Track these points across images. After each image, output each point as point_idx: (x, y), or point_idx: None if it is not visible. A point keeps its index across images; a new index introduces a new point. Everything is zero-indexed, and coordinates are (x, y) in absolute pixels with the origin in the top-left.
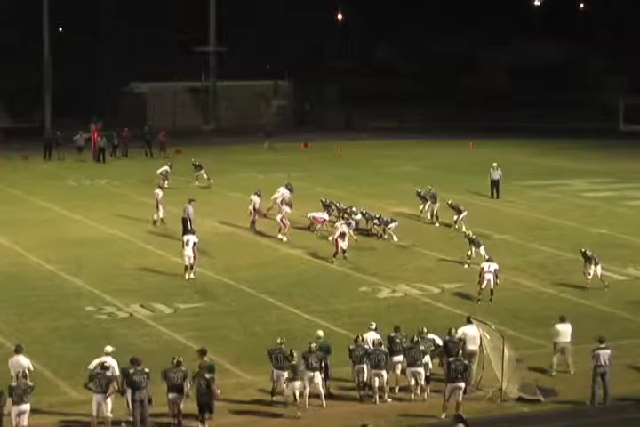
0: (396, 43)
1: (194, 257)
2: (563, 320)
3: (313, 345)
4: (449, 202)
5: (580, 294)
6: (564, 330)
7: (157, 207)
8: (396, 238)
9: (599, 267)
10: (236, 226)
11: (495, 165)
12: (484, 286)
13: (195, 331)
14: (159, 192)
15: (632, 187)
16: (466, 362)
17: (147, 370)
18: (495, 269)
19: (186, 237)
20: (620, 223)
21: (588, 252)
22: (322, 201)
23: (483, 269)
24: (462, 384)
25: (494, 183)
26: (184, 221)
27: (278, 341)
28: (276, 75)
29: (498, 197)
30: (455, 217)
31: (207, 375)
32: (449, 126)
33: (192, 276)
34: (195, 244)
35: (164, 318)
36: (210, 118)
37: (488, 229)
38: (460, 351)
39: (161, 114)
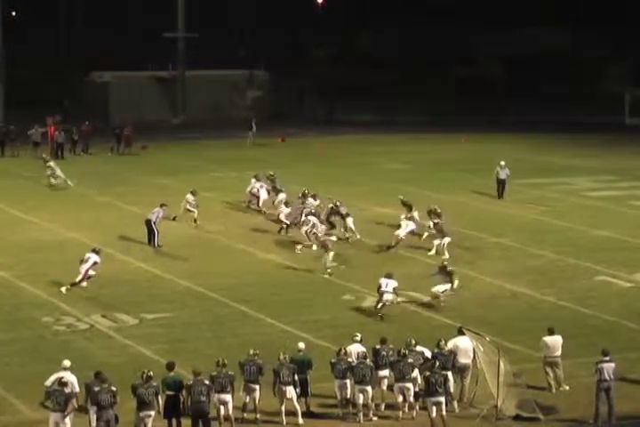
0: (383, 30)
1: None
2: (551, 332)
3: (282, 357)
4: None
5: (582, 303)
6: (554, 343)
7: (188, 209)
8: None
9: None
10: (208, 229)
11: (503, 163)
12: (379, 306)
13: (162, 343)
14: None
15: (639, 186)
16: (445, 374)
17: (114, 388)
18: (394, 288)
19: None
20: (626, 225)
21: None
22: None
23: (380, 286)
24: (442, 398)
25: (501, 183)
26: (147, 224)
27: (251, 352)
28: (251, 64)
29: (502, 197)
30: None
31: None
32: (440, 120)
33: None
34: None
35: (128, 330)
36: (178, 111)
37: (483, 232)
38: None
39: (126, 106)
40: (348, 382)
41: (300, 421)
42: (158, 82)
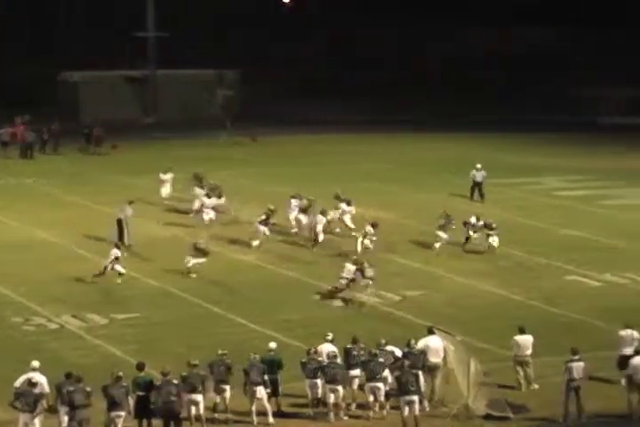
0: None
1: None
2: (522, 331)
3: (252, 357)
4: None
5: (551, 302)
6: (524, 342)
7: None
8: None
9: None
10: (179, 228)
11: (479, 166)
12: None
13: (132, 343)
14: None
15: (609, 185)
16: (417, 373)
17: (88, 389)
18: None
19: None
20: (595, 225)
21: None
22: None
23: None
24: (415, 397)
25: (477, 185)
26: (119, 223)
27: (220, 352)
28: (222, 63)
29: (482, 200)
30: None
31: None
32: (417, 119)
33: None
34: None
35: (98, 330)
36: (149, 111)
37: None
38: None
39: (96, 106)
40: (318, 381)
41: (271, 420)
42: (129, 81)
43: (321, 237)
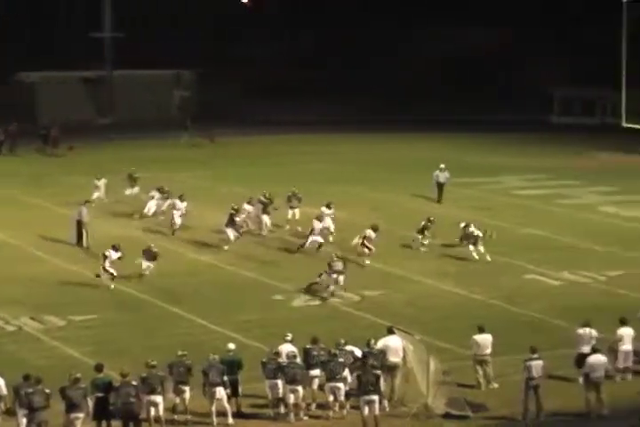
0: (316, 29)
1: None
2: (482, 330)
3: (211, 358)
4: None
5: (511, 301)
6: (483, 341)
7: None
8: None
9: None
10: (137, 229)
11: (442, 166)
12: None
13: (90, 345)
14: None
15: (567, 184)
16: (377, 373)
17: (47, 391)
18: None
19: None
20: (554, 224)
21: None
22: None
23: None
24: (375, 397)
25: (440, 186)
26: (78, 224)
27: (179, 353)
28: (179, 64)
29: (440, 200)
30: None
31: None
32: (368, 120)
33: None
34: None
35: (56, 331)
36: (105, 111)
37: (409, 230)
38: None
39: (53, 107)
40: (279, 381)
41: (231, 421)
42: (86, 82)
43: (320, 239)
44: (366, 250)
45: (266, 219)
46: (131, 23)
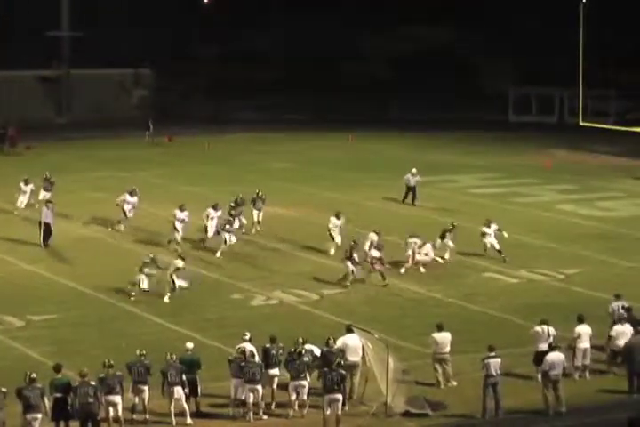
0: (270, 28)
1: None
2: (440, 329)
3: (169, 357)
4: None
5: (468, 299)
6: (442, 340)
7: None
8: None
9: None
10: (97, 230)
11: (414, 170)
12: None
13: (49, 345)
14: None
15: (522, 183)
16: (342, 372)
17: (4, 390)
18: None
19: None
20: (509, 222)
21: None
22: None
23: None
24: (340, 396)
25: (411, 189)
26: (45, 225)
27: (138, 353)
28: (137, 63)
29: (414, 204)
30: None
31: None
32: (327, 118)
33: None
34: None
35: (14, 332)
36: (63, 111)
37: (369, 230)
38: (340, 362)
39: (10, 106)
40: (238, 380)
41: (189, 421)
42: (43, 81)
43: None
44: (378, 266)
45: (256, 215)
46: (88, 22)
